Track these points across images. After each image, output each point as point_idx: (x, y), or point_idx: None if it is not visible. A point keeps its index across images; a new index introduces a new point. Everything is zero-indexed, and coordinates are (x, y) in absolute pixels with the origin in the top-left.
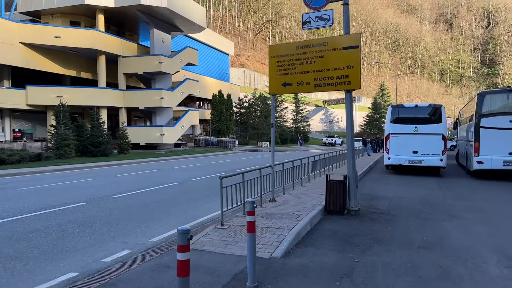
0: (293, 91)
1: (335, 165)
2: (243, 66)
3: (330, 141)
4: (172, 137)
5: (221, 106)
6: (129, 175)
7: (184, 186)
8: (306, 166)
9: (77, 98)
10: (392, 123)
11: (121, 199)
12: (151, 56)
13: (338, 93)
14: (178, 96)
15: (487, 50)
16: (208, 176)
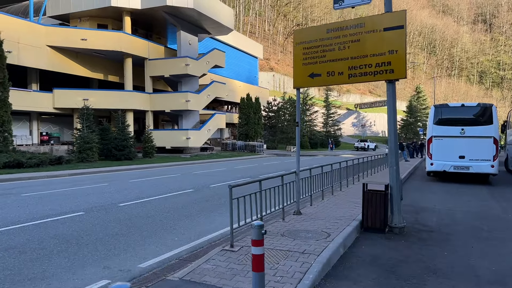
0: (322, 83)
1: (371, 171)
2: (273, 70)
3: (363, 145)
4: (198, 141)
5: (249, 109)
6: (145, 180)
7: (200, 193)
8: (337, 172)
9: (103, 102)
10: (436, 124)
11: (126, 208)
12: (178, 58)
13: (371, 96)
14: (204, 99)
15: None
16: (229, 182)
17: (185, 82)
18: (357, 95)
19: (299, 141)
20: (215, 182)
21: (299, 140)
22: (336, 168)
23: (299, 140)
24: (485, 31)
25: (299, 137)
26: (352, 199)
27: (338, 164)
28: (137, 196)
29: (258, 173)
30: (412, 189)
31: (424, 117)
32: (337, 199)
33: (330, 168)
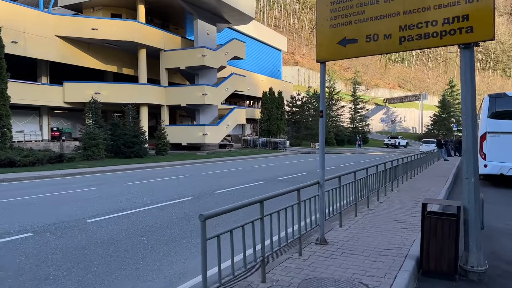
0: (358, 53)
1: (411, 173)
2: (297, 64)
3: (393, 142)
4: (215, 137)
5: (272, 104)
6: (143, 184)
7: (198, 204)
8: (373, 177)
9: (116, 95)
10: (491, 118)
11: (92, 226)
12: (194, 49)
13: (400, 91)
14: (222, 92)
15: None
16: (240, 186)
17: (202, 74)
18: (386, 89)
19: (323, 138)
20: (222, 187)
21: (324, 136)
22: (373, 173)
23: (323, 137)
24: None
25: (324, 132)
26: (395, 215)
27: (375, 168)
28: (118, 207)
29: (276, 175)
30: None
31: (458, 113)
32: (375, 214)
33: (364, 174)
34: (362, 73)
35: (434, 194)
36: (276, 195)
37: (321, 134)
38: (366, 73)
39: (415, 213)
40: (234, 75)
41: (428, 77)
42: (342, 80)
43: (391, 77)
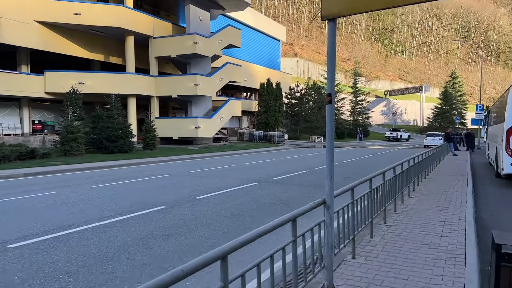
0: (375, 5)
1: (426, 171)
2: (297, 56)
3: (395, 135)
4: (209, 130)
5: (269, 96)
6: (113, 186)
7: (169, 217)
8: (390, 183)
9: (102, 85)
10: None
11: (15, 254)
12: (185, 35)
13: (401, 83)
14: (216, 83)
15: None
16: (228, 189)
17: (195, 64)
18: (387, 81)
19: (332, 133)
20: (206, 190)
21: (333, 130)
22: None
23: (332, 131)
24: None
25: (333, 124)
26: (422, 235)
27: (392, 172)
28: (63, 221)
29: (271, 173)
30: (496, 203)
31: (460, 105)
32: (396, 234)
33: (380, 180)
34: (362, 65)
35: (459, 201)
36: (252, 238)
37: (329, 127)
38: (366, 65)
39: (446, 230)
40: (228, 64)
41: (429, 69)
42: (342, 72)
43: (392, 69)
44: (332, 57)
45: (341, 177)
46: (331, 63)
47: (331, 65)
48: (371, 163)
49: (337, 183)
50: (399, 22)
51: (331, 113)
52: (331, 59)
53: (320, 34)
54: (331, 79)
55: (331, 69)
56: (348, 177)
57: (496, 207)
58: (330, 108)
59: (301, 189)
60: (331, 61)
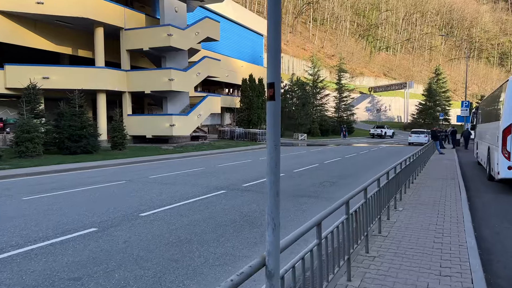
0: None
1: (413, 175)
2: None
3: (380, 132)
4: (185, 128)
5: (252, 92)
6: (50, 197)
7: (94, 245)
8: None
9: (68, 80)
10: None
11: None
12: (158, 27)
13: (385, 79)
14: (193, 78)
15: None
16: (186, 201)
17: (170, 57)
18: (371, 78)
19: (275, 145)
20: (158, 203)
21: (276, 139)
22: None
23: (275, 140)
24: (507, 10)
25: (277, 128)
26: (415, 276)
27: (377, 183)
28: None
29: (244, 178)
30: (496, 215)
31: (444, 101)
32: (381, 275)
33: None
34: (347, 61)
35: (454, 214)
36: None
37: (272, 130)
38: (351, 61)
39: (445, 264)
40: (206, 58)
41: (413, 65)
42: (327, 68)
43: (376, 66)
44: (276, 32)
45: (317, 182)
46: (274, 42)
47: (275, 45)
48: (354, 164)
49: (313, 186)
50: (384, 19)
51: (275, 112)
52: (274, 37)
53: (305, 30)
54: (274, 65)
55: (274, 50)
56: (325, 182)
57: (496, 220)
58: (274, 106)
59: None
60: (274, 40)
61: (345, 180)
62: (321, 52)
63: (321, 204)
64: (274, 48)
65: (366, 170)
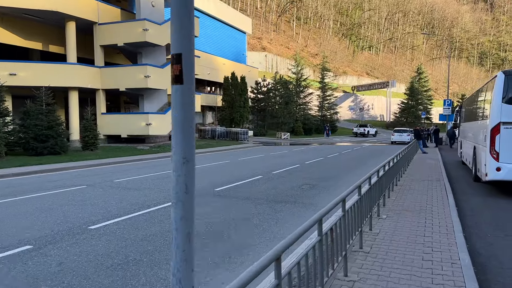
0: None
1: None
2: (265, 50)
3: (362, 131)
4: (163, 127)
5: (234, 90)
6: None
7: (20, 270)
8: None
9: (38, 77)
10: (507, 103)
11: None
12: (133, 21)
13: (368, 78)
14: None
15: None
16: (146, 210)
17: (147, 53)
18: (354, 77)
19: (185, 146)
20: (114, 213)
21: (189, 140)
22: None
23: (185, 141)
24: (486, 10)
25: (191, 125)
26: None
27: (357, 190)
28: None
29: (216, 182)
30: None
31: (426, 100)
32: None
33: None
34: (330, 60)
35: (443, 223)
36: None
37: (180, 133)
38: (334, 60)
39: None
40: None
41: (396, 65)
42: (310, 67)
43: (359, 65)
44: None
45: (296, 185)
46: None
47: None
48: (336, 164)
49: (291, 189)
50: (366, 18)
51: (185, 103)
52: None
53: (289, 28)
54: (182, 25)
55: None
56: (305, 185)
57: (488, 229)
58: (182, 93)
59: (244, 206)
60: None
61: (326, 183)
62: (304, 51)
63: (298, 211)
64: (177, 10)
65: (348, 171)
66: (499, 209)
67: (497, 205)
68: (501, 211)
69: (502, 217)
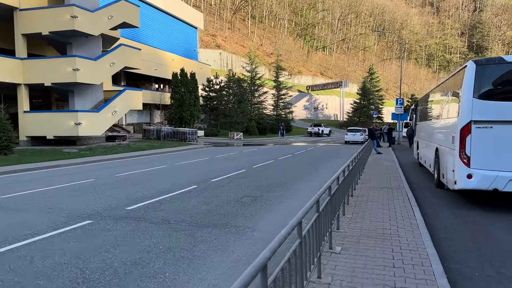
0: None
1: (354, 183)
2: (220, 48)
3: (317, 130)
4: (96, 127)
5: (184, 88)
6: None
7: None
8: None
9: None
10: (479, 99)
11: None
12: (59, 7)
13: (322, 78)
14: (105, 68)
15: (474, 35)
16: (14, 245)
17: (78, 44)
18: (309, 76)
19: None
20: None
21: None
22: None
23: None
24: (433, 14)
25: None
26: None
27: (297, 230)
28: None
29: (135, 196)
30: (466, 248)
31: (377, 100)
32: None
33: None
34: (285, 60)
35: (416, 259)
36: None
37: None
38: (289, 60)
39: None
40: (123, 46)
41: (348, 65)
42: (266, 66)
43: (314, 65)
44: None
45: (235, 197)
46: None
47: None
48: (287, 168)
49: (228, 204)
50: (320, 18)
51: None
52: None
53: (244, 27)
54: None
55: None
56: (246, 197)
57: (473, 262)
58: None
59: (153, 236)
60: None
61: (271, 193)
62: (260, 50)
63: (226, 242)
64: None
65: (298, 177)
66: (475, 225)
67: (471, 219)
68: (478, 229)
69: (482, 241)
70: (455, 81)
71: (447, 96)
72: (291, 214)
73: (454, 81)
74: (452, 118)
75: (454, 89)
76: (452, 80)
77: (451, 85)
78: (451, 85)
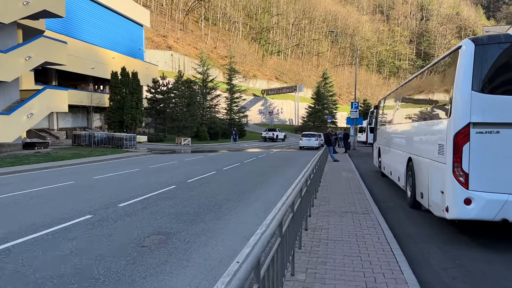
0: None
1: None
2: (171, 49)
3: (271, 135)
4: (6, 132)
5: (125, 88)
6: None
7: None
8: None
9: None
10: (480, 92)
11: None
12: None
13: (277, 82)
14: (19, 63)
15: (422, 42)
16: None
17: None
18: (264, 80)
19: None
20: None
21: None
22: None
23: None
24: (383, 21)
25: None
26: None
27: None
28: None
29: (14, 228)
30: None
31: (331, 105)
32: None
33: None
34: (240, 63)
35: None
36: None
37: None
38: (244, 63)
39: None
40: (42, 38)
41: (303, 70)
42: (220, 69)
43: (269, 69)
44: None
45: (139, 236)
46: None
47: None
48: (228, 183)
49: (120, 250)
50: (275, 23)
51: None
52: None
53: (197, 28)
54: None
55: None
56: (156, 235)
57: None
58: None
59: None
60: None
61: (196, 226)
62: (213, 53)
63: None
64: None
65: (240, 197)
66: (483, 276)
67: (478, 269)
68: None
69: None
70: (443, 69)
71: (429, 91)
72: (210, 275)
73: (440, 69)
74: (438, 119)
75: (442, 80)
76: (437, 68)
77: (436, 76)
78: (436, 75)
